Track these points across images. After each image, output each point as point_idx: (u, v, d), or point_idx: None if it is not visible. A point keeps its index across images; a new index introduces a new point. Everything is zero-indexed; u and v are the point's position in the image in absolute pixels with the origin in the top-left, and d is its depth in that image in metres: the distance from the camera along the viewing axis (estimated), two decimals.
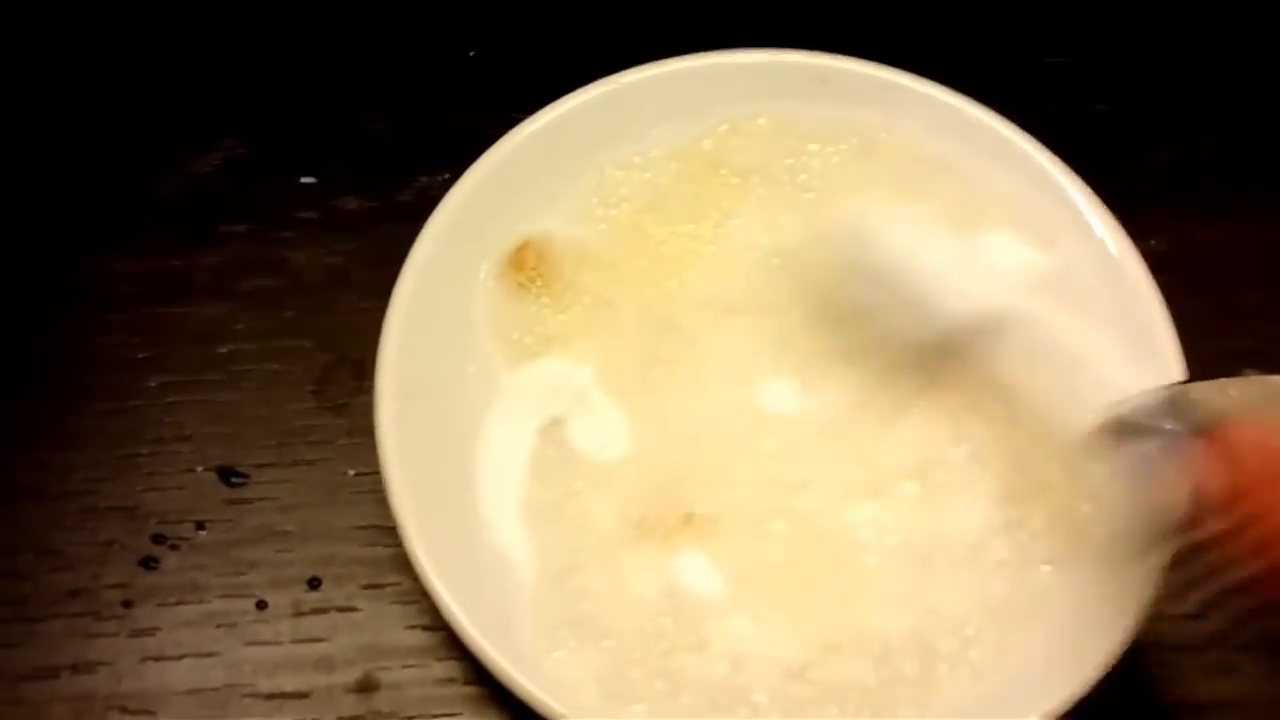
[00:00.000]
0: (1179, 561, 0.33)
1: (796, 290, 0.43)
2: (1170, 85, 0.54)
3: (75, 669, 0.42)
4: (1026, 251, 0.44)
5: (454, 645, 0.41)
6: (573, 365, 0.43)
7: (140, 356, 0.47)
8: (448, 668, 0.41)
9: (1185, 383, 0.40)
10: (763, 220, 0.45)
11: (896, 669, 0.38)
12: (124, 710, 0.41)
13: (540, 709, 0.36)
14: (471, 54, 0.55)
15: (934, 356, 0.41)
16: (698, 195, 0.46)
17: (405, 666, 0.42)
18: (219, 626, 0.42)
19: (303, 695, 0.41)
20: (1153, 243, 0.43)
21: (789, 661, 0.38)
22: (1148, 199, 0.47)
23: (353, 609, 0.43)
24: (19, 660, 0.42)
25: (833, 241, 0.43)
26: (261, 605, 0.43)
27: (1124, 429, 0.40)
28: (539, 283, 0.44)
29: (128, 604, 0.43)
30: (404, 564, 0.41)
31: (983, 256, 0.44)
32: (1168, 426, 0.39)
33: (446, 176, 0.45)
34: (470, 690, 0.41)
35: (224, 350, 0.47)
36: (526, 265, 0.44)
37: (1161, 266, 0.42)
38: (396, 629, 0.42)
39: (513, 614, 0.39)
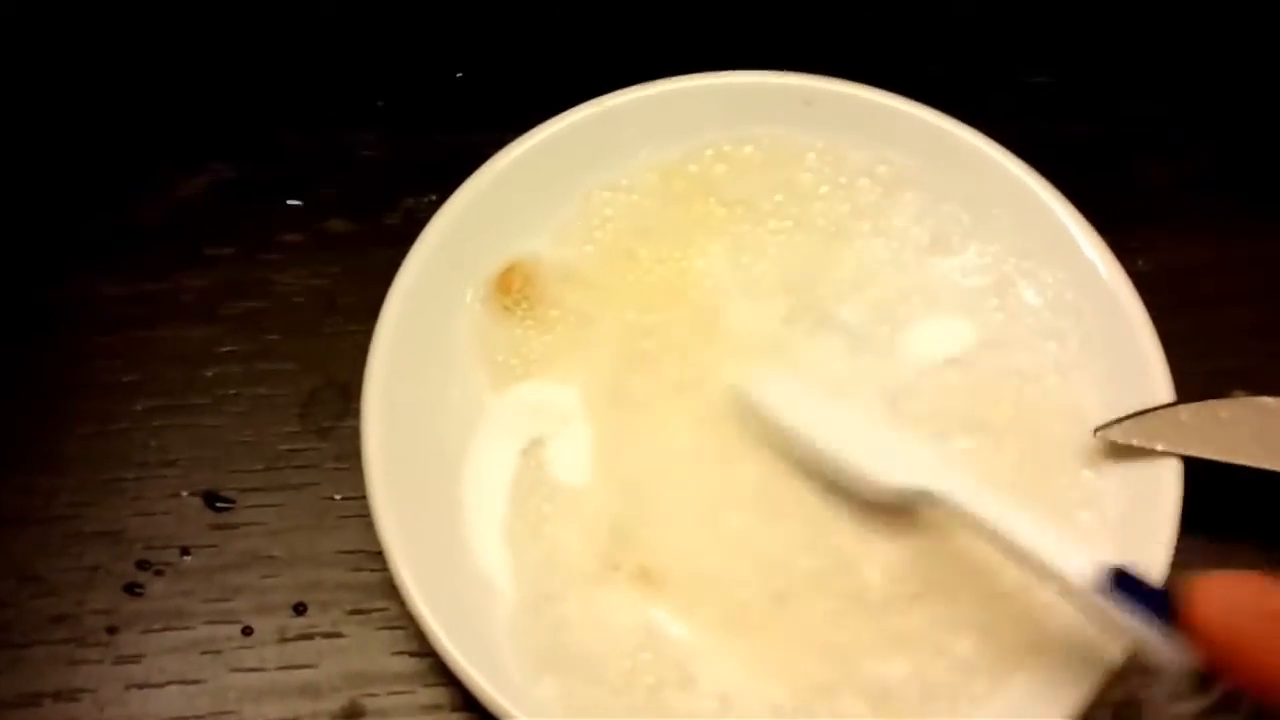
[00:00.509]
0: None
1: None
2: (1156, 104, 0.54)
3: (58, 696, 0.41)
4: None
5: (440, 671, 0.40)
6: (556, 388, 0.43)
7: (125, 379, 0.47)
8: (434, 694, 0.41)
9: (1173, 405, 0.40)
10: (744, 257, 0.45)
11: (896, 708, 0.38)
12: None
13: None
14: (459, 76, 0.55)
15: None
16: (683, 222, 0.46)
17: (391, 693, 0.41)
18: (204, 653, 0.42)
19: None
20: (1140, 263, 0.44)
21: (780, 703, 0.38)
22: (1134, 218, 0.47)
23: (338, 635, 0.42)
24: (1, 687, 0.41)
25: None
26: (247, 631, 0.42)
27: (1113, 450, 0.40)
28: (524, 305, 0.44)
29: (112, 630, 0.42)
30: (390, 589, 0.41)
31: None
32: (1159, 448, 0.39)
33: (433, 198, 0.45)
34: (456, 717, 0.41)
35: (210, 373, 0.47)
36: (513, 288, 0.44)
37: (1148, 286, 0.42)
38: (383, 655, 0.42)
39: (496, 641, 0.39)
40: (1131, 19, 0.56)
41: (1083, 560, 0.34)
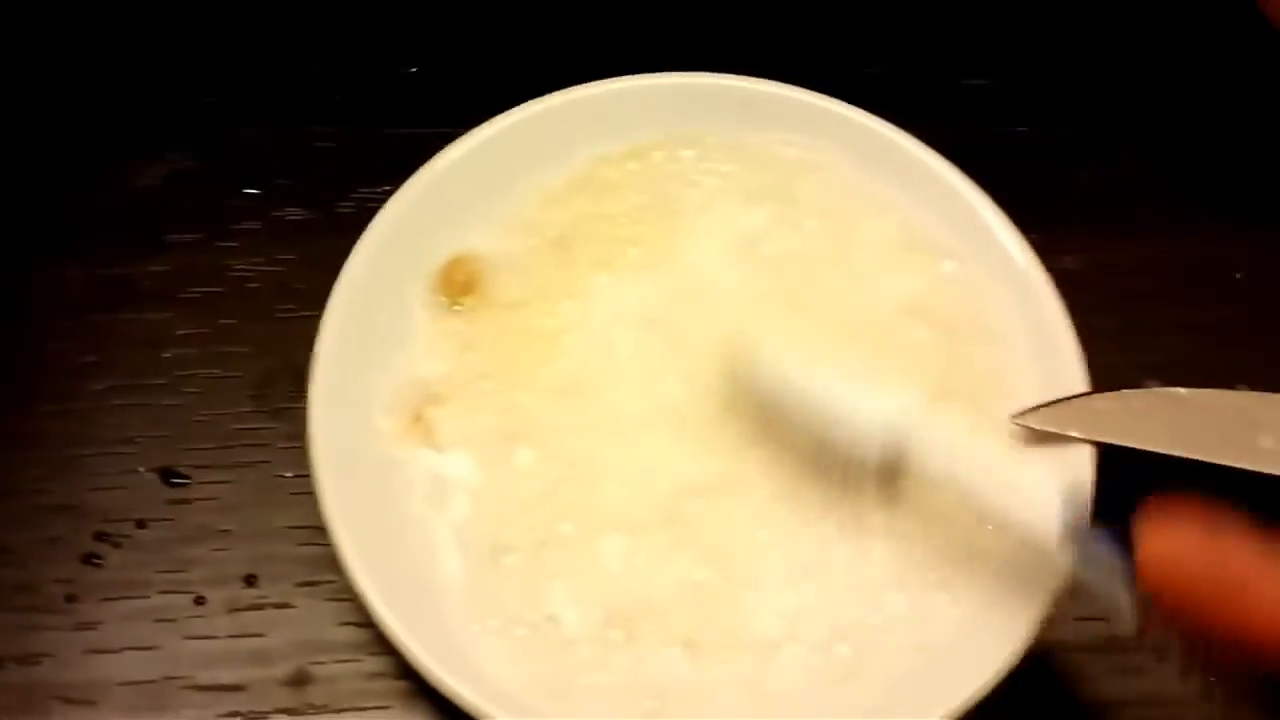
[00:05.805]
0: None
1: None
2: (1090, 109, 0.56)
3: (20, 660, 0.43)
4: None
5: (384, 641, 0.41)
6: (492, 381, 0.44)
7: (86, 360, 0.48)
8: (379, 663, 0.43)
9: (1089, 394, 0.42)
10: (682, 264, 0.47)
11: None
12: (66, 700, 0.42)
13: (466, 707, 0.37)
14: (413, 71, 0.56)
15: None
16: (623, 227, 0.47)
17: (338, 661, 0.43)
18: (158, 621, 0.43)
19: (239, 688, 0.42)
20: (1068, 261, 0.45)
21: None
22: (1067, 220, 0.49)
23: (288, 605, 0.44)
24: None
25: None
26: (200, 601, 0.44)
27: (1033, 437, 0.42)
28: (466, 299, 0.45)
29: (71, 599, 0.44)
30: (337, 563, 0.43)
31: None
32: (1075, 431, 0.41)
33: (386, 189, 0.46)
34: (400, 685, 0.42)
35: (167, 355, 0.48)
36: (456, 281, 0.45)
37: (1077, 284, 0.44)
38: (330, 625, 0.43)
39: (440, 612, 0.40)
40: (1069, 27, 0.58)
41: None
